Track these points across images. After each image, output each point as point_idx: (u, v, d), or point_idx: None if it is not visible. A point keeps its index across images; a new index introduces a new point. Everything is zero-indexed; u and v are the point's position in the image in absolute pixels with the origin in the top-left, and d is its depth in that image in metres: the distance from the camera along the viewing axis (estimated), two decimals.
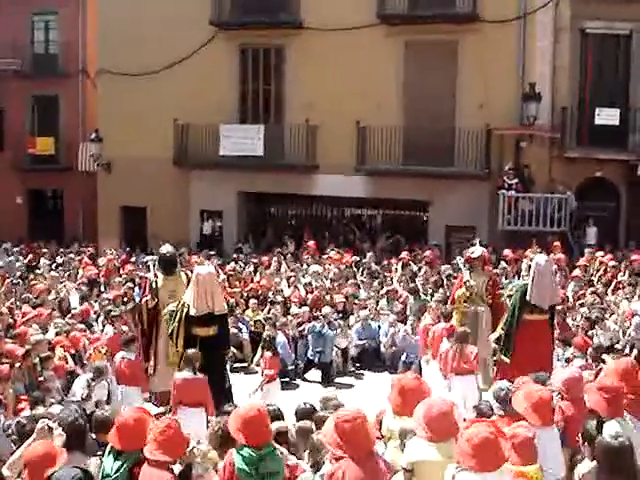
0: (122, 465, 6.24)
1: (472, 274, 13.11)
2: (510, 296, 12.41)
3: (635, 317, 13.55)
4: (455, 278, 15.36)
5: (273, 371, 11.86)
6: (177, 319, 10.56)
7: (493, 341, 11.77)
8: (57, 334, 12.96)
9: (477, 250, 13.62)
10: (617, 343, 12.57)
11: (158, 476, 5.99)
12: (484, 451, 5.43)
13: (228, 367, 12.22)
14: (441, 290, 16.07)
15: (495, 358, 11.93)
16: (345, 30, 23.41)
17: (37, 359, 11.03)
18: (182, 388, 9.81)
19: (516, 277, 17.32)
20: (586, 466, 6.17)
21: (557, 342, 12.19)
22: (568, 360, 11.79)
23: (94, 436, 7.32)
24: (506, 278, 17.05)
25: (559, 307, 12.87)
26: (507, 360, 11.20)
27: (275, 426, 6.92)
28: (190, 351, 9.97)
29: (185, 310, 10.54)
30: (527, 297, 11.10)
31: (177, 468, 6.25)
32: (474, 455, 5.41)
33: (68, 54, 31.27)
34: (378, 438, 6.86)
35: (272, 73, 25.67)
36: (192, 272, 11.23)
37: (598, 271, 17.63)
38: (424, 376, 11.52)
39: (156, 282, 11.52)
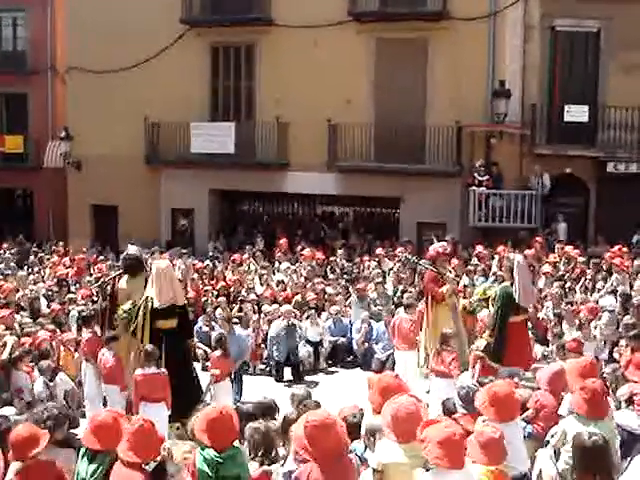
0: (98, 468, 6.18)
1: (439, 269, 13.15)
2: (485, 299, 12.40)
3: (604, 313, 13.64)
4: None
5: (219, 371, 11.63)
6: (142, 314, 10.60)
7: (481, 350, 11.58)
8: (26, 335, 12.77)
9: (445, 245, 13.64)
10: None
11: (130, 476, 5.93)
12: (450, 449, 5.45)
13: (195, 363, 12.16)
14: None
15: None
16: (316, 27, 23.41)
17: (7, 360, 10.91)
18: (144, 383, 9.87)
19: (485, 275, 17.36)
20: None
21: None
22: (545, 357, 11.81)
23: None
24: (477, 274, 17.11)
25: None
26: (497, 366, 11.15)
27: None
28: (149, 347, 10.03)
29: (150, 304, 10.58)
30: (516, 298, 11.08)
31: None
32: (441, 454, 5.42)
33: (37, 51, 30.88)
34: (356, 438, 6.83)
35: (243, 71, 25.60)
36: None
37: (569, 267, 17.71)
38: (397, 370, 11.62)
39: (107, 283, 11.61)
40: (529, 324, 12.04)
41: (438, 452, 5.45)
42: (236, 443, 6.31)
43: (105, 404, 10.93)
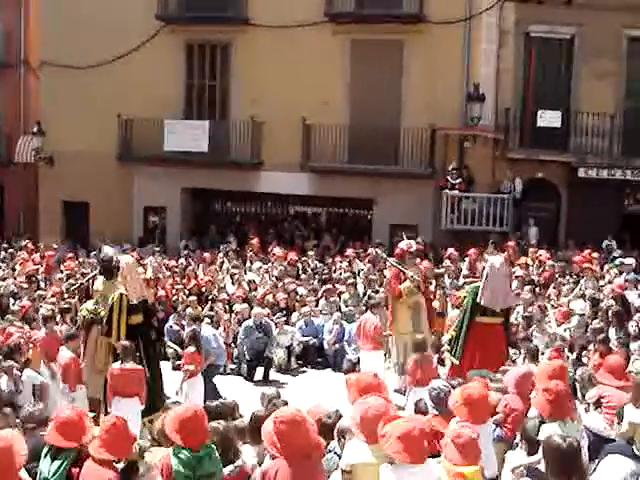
0: (60, 465, 6.14)
1: (406, 267, 13.24)
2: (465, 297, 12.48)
3: (574, 316, 13.75)
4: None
5: (193, 366, 11.65)
6: (117, 312, 10.57)
7: (445, 342, 11.67)
8: None
9: (411, 243, 13.87)
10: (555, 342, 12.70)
11: (101, 474, 5.89)
12: (410, 444, 5.47)
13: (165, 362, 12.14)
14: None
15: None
16: (292, 27, 23.40)
17: None
18: (119, 378, 9.86)
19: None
20: (519, 459, 6.19)
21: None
22: (514, 361, 11.83)
23: None
24: (449, 277, 17.19)
25: None
26: (456, 362, 11.21)
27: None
28: (125, 342, 10.03)
29: (125, 301, 10.57)
30: (478, 298, 11.11)
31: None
32: (400, 448, 5.45)
33: (8, 45, 30.48)
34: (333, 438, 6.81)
35: (218, 69, 25.53)
36: None
37: (540, 270, 17.85)
38: (362, 368, 11.60)
39: (79, 287, 11.58)
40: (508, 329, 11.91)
41: (398, 447, 5.47)
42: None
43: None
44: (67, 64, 25.59)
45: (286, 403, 7.54)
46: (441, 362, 12.56)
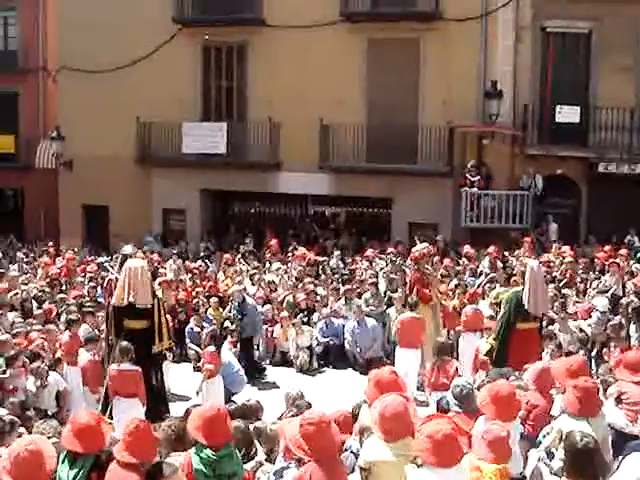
0: (79, 472, 6.09)
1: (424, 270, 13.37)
2: (498, 304, 12.26)
3: (595, 312, 13.67)
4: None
5: (213, 366, 11.70)
6: (111, 315, 10.81)
7: (484, 354, 11.47)
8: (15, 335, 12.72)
9: (422, 246, 13.98)
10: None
11: (126, 477, 5.84)
12: (445, 447, 5.43)
13: (165, 366, 12.11)
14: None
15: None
16: (308, 27, 23.39)
17: (1, 360, 10.85)
18: (118, 379, 9.98)
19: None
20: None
21: None
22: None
23: None
24: (472, 276, 17.15)
25: None
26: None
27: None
28: (123, 343, 10.12)
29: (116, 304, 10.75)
30: (525, 305, 10.82)
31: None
32: (434, 451, 5.42)
33: (28, 50, 30.77)
34: (350, 433, 6.84)
35: (234, 70, 25.59)
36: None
37: (562, 267, 17.72)
38: (397, 368, 11.56)
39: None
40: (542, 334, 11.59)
41: (430, 449, 5.44)
42: None
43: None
44: (85, 68, 25.76)
45: (310, 405, 7.56)
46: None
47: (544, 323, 12.10)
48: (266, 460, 7.01)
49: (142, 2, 25.21)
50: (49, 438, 6.39)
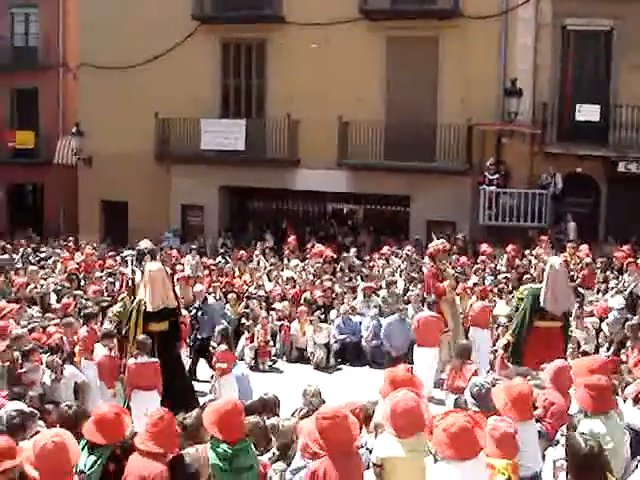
0: (96, 461, 6.21)
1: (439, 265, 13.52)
2: (521, 299, 12.09)
3: (612, 312, 13.61)
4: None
5: (225, 364, 11.70)
6: (134, 317, 10.80)
7: (501, 348, 11.25)
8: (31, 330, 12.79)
9: (439, 242, 14.08)
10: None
11: (150, 467, 5.91)
12: (461, 440, 5.44)
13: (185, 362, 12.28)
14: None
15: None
16: (327, 25, 23.41)
17: (18, 354, 10.93)
18: (136, 372, 10.16)
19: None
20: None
21: None
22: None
23: None
24: (491, 274, 17.13)
25: None
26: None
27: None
28: (141, 336, 10.30)
29: (143, 307, 10.77)
30: (541, 302, 10.64)
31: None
32: (451, 444, 5.43)
33: (48, 47, 30.98)
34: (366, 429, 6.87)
35: (254, 68, 25.62)
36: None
37: (580, 266, 17.64)
38: (416, 366, 11.55)
39: (133, 279, 11.62)
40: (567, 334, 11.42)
41: (446, 442, 5.45)
42: None
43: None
44: (105, 65, 25.91)
45: (323, 401, 7.58)
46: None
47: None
48: (278, 456, 7.04)
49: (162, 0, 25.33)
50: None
